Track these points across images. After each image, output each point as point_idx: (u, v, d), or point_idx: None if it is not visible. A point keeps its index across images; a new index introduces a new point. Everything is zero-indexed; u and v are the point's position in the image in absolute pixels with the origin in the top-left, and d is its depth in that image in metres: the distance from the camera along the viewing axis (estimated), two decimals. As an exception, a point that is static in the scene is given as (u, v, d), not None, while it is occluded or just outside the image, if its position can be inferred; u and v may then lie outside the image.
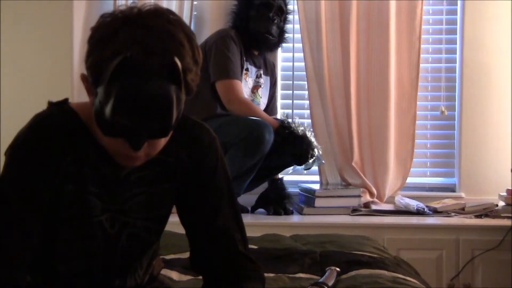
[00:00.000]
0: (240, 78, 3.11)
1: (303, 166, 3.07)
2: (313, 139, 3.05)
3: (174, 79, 1.15)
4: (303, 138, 3.00)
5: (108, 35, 1.16)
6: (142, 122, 1.15)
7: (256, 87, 3.30)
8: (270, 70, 3.41)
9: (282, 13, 3.27)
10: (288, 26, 3.37)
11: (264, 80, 3.35)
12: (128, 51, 1.12)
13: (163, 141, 1.24)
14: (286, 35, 3.34)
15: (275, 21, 3.22)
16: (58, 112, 1.29)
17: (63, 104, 1.32)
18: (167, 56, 1.14)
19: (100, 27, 1.19)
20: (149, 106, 1.14)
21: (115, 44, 1.14)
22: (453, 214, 3.22)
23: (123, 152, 1.22)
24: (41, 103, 1.33)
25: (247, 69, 3.21)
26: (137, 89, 1.13)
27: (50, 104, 1.31)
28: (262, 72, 3.32)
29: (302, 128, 3.04)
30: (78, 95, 3.06)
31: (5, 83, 3.19)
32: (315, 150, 3.02)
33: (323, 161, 3.22)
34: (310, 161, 3.02)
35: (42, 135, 1.25)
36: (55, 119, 1.27)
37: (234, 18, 3.26)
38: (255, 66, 3.28)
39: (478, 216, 3.19)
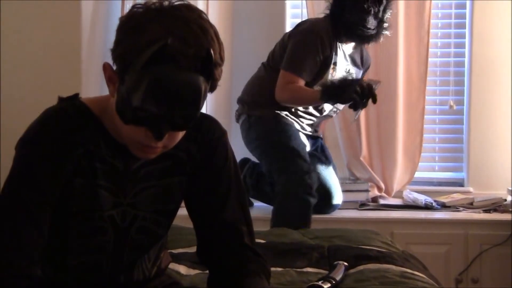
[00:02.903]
0: (306, 78, 2.93)
1: (363, 104, 2.74)
2: (352, 76, 2.89)
3: (205, 72, 1.17)
4: (340, 86, 2.76)
5: (142, 25, 1.17)
6: (170, 111, 1.16)
7: None
8: (364, 62, 3.19)
9: (381, 2, 2.97)
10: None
11: (355, 73, 3.12)
12: (165, 40, 1.13)
13: (181, 134, 1.25)
14: (385, 25, 2.99)
15: (371, 12, 2.92)
16: (68, 106, 1.29)
17: (74, 98, 1.32)
18: (202, 48, 1.16)
19: (133, 17, 1.20)
20: (180, 95, 1.16)
21: (151, 33, 1.15)
22: (461, 208, 3.22)
23: (141, 143, 1.22)
24: (49, 103, 1.33)
25: (335, 63, 3.00)
26: (171, 78, 1.14)
27: (61, 99, 1.32)
28: (351, 64, 3.09)
29: (335, 79, 2.90)
30: (87, 95, 3.05)
31: (13, 83, 3.19)
32: (357, 85, 2.69)
33: (379, 81, 2.91)
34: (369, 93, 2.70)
35: (52, 129, 1.25)
36: (65, 113, 1.28)
37: (331, 6, 3.02)
38: (345, 58, 3.06)
39: (487, 211, 3.18)
